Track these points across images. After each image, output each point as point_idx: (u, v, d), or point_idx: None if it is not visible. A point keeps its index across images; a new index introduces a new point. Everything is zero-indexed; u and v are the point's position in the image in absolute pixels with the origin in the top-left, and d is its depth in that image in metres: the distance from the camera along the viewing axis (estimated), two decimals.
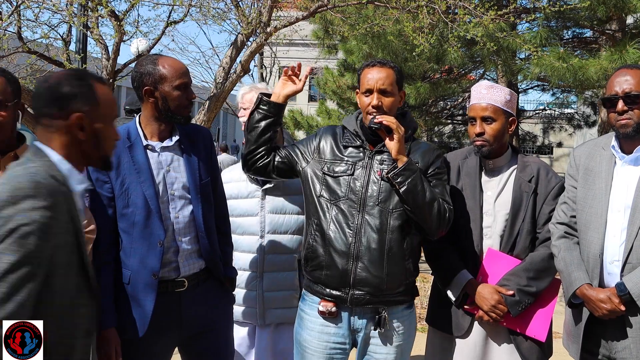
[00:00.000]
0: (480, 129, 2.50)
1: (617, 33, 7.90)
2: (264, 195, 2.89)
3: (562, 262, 2.38)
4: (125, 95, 29.24)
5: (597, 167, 2.37)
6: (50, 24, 7.33)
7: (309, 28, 10.99)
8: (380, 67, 2.38)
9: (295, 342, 2.51)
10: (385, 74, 2.36)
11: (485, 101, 2.50)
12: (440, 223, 2.31)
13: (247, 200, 2.89)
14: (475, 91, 2.56)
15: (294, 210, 2.85)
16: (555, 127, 16.64)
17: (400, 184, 2.24)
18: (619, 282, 2.21)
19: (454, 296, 2.49)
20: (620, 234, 2.24)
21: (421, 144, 2.48)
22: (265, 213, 2.87)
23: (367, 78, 2.37)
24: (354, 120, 2.49)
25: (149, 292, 2.29)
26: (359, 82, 2.43)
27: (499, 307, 2.41)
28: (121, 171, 2.30)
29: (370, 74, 2.37)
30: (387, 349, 2.38)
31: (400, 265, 2.34)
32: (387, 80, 2.35)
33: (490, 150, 2.51)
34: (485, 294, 2.43)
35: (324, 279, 2.37)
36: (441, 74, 10.53)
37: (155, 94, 2.32)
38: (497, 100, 2.50)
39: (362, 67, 2.44)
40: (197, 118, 6.27)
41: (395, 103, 2.39)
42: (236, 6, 6.30)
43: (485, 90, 2.53)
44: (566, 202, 2.45)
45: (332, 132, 2.49)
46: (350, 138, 2.44)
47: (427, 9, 5.73)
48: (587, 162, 2.41)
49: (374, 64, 2.40)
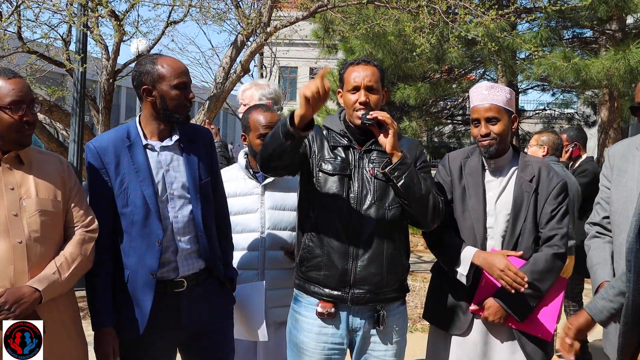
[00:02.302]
0: (485, 130, 2.50)
1: (617, 33, 7.91)
2: (263, 192, 2.89)
3: (589, 260, 2.42)
4: (126, 95, 29.25)
5: (630, 168, 2.36)
6: (50, 24, 7.34)
7: (309, 28, 10.99)
8: (365, 65, 2.38)
9: (290, 344, 2.50)
10: (370, 71, 2.36)
11: (487, 102, 2.50)
12: (434, 214, 2.33)
13: (246, 197, 2.89)
14: (476, 93, 2.56)
15: (293, 206, 2.85)
16: (555, 127, 16.64)
17: (398, 178, 2.25)
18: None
19: (464, 272, 2.46)
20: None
21: (403, 139, 2.48)
22: (265, 209, 2.87)
23: (353, 76, 2.36)
24: (338, 120, 2.48)
25: (147, 291, 2.29)
26: (341, 81, 2.42)
27: (507, 271, 2.35)
28: (120, 170, 2.30)
29: (356, 71, 2.37)
30: (385, 346, 2.40)
31: (398, 262, 2.37)
32: (373, 78, 2.36)
33: (497, 150, 2.51)
34: (494, 260, 2.40)
35: (322, 279, 2.36)
36: (441, 74, 10.54)
37: (154, 93, 2.31)
38: (499, 99, 2.51)
39: (346, 66, 2.44)
40: (197, 118, 6.28)
41: (380, 100, 2.39)
42: (236, 6, 6.30)
43: (487, 91, 2.52)
44: (599, 203, 2.47)
45: (319, 133, 2.46)
46: (337, 138, 2.43)
47: (427, 8, 5.73)
48: (621, 163, 2.40)
49: (358, 62, 2.40)
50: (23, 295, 1.98)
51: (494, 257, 2.41)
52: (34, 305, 2.01)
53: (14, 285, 2.00)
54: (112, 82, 6.32)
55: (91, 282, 2.30)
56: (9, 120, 2.03)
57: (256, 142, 2.83)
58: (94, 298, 2.29)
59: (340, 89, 2.45)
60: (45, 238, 2.10)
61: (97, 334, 2.28)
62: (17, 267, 2.02)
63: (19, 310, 1.96)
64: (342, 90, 2.43)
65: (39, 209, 2.08)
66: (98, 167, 2.30)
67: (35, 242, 2.06)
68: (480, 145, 2.53)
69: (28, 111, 2.07)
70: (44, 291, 2.02)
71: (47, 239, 2.11)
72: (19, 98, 2.03)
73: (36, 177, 2.12)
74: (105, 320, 2.28)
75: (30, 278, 2.04)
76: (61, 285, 2.09)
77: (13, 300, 1.96)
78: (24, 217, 2.05)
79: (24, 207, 2.06)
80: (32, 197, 2.08)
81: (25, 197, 2.07)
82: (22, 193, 2.07)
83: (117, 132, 2.37)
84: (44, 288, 2.02)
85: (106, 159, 2.29)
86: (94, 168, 2.30)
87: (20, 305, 1.97)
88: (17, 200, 2.06)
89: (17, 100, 2.03)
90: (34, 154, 2.16)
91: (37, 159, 2.16)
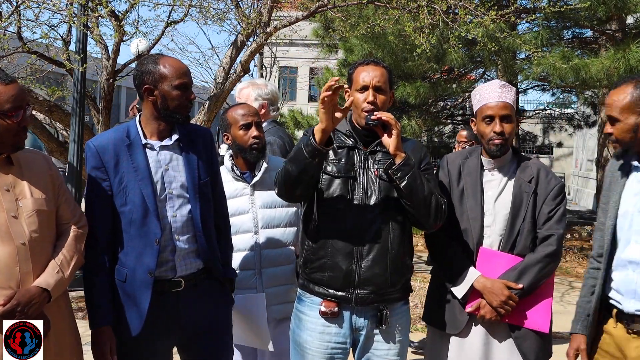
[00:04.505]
0: (500, 127, 2.49)
1: (617, 33, 7.91)
2: (252, 192, 2.90)
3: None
4: (126, 95, 29.24)
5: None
6: (50, 24, 7.34)
7: (309, 28, 11.00)
8: (374, 66, 2.39)
9: (294, 344, 2.50)
10: (379, 72, 2.37)
11: (502, 99, 2.50)
12: (437, 216, 2.33)
13: (236, 199, 2.89)
14: (489, 90, 2.55)
15: (284, 202, 2.85)
16: (555, 127, 16.66)
17: (401, 179, 2.25)
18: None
19: (461, 293, 2.49)
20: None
21: (408, 141, 2.49)
22: (256, 209, 2.88)
23: (363, 75, 2.37)
24: (344, 120, 2.48)
25: (144, 290, 2.29)
26: (350, 80, 2.43)
27: (509, 302, 2.41)
28: (120, 169, 2.30)
29: (365, 71, 2.38)
30: (388, 345, 2.40)
31: (401, 262, 2.38)
32: (382, 78, 2.37)
33: (506, 149, 2.52)
34: (495, 289, 2.43)
35: (327, 280, 2.37)
36: (441, 74, 10.53)
37: (155, 93, 2.31)
38: (511, 99, 2.52)
39: (355, 65, 2.44)
40: (197, 118, 6.28)
41: (387, 102, 2.40)
42: (236, 6, 6.30)
43: (500, 89, 2.52)
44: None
45: None
46: (342, 139, 2.44)
47: (427, 9, 5.73)
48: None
49: (368, 63, 2.41)
50: (33, 296, 2.00)
51: (496, 286, 2.43)
52: (43, 305, 2.03)
53: (21, 287, 2.01)
54: (112, 82, 6.32)
55: (89, 281, 2.30)
56: (6, 126, 2.03)
57: (239, 133, 2.85)
58: (92, 297, 2.30)
59: (348, 89, 2.45)
60: (43, 237, 2.10)
61: (94, 332, 2.28)
62: (22, 269, 2.02)
63: (31, 312, 1.98)
64: (350, 90, 2.44)
65: (35, 209, 2.09)
66: (97, 166, 2.30)
67: (36, 242, 2.07)
68: (491, 144, 2.52)
69: (24, 116, 2.07)
70: (52, 290, 2.04)
71: (45, 238, 2.12)
72: (18, 104, 2.04)
73: (28, 177, 2.12)
74: (103, 319, 2.28)
75: (34, 278, 2.04)
76: (64, 283, 2.11)
77: (25, 302, 1.97)
78: (22, 218, 2.06)
79: (21, 208, 2.06)
80: (28, 198, 2.09)
81: (21, 197, 2.08)
82: (17, 194, 2.08)
83: (116, 131, 2.37)
84: (52, 288, 2.04)
85: (105, 158, 2.30)
86: (93, 167, 2.31)
87: (32, 307, 1.99)
88: (14, 201, 2.06)
89: (16, 106, 2.03)
90: (19, 153, 2.16)
91: (24, 158, 2.16)
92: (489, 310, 2.45)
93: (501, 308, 2.42)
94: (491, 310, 2.45)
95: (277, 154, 3.29)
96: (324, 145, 2.18)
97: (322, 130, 2.17)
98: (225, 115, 2.94)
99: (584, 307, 2.34)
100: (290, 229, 2.92)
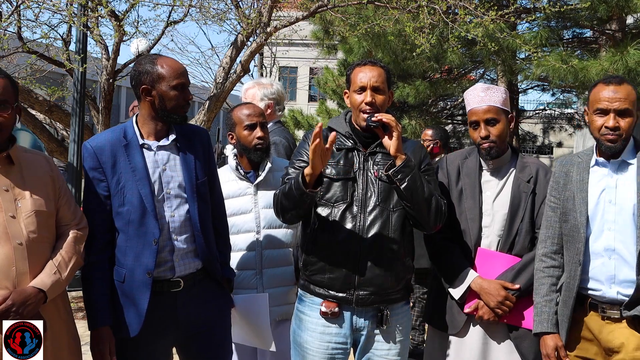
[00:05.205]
0: (485, 132, 2.51)
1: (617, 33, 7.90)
2: (255, 192, 2.90)
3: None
4: (126, 95, 29.25)
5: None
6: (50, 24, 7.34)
7: (308, 28, 11.00)
8: (372, 66, 2.39)
9: (294, 344, 2.50)
10: (377, 72, 2.37)
11: (485, 103, 2.51)
12: (437, 217, 2.33)
13: (239, 198, 2.89)
14: (472, 95, 2.56)
15: None
16: (555, 127, 16.63)
17: (401, 180, 2.25)
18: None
19: (458, 294, 2.49)
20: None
21: (407, 142, 2.49)
22: (259, 209, 2.88)
23: (360, 76, 2.37)
24: (343, 121, 2.49)
25: (143, 290, 2.29)
26: (348, 81, 2.43)
27: (506, 303, 2.43)
28: (117, 170, 2.30)
29: (362, 72, 2.38)
30: (389, 345, 2.41)
31: (402, 263, 2.38)
32: (380, 78, 2.37)
33: (497, 151, 2.53)
34: (492, 290, 2.44)
35: (327, 282, 2.37)
36: (441, 73, 10.53)
37: (152, 93, 2.32)
38: (496, 100, 2.51)
39: (353, 66, 2.45)
40: (197, 118, 6.28)
41: (386, 102, 2.40)
42: (236, 6, 6.30)
43: (483, 93, 2.53)
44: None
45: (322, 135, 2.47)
46: (341, 140, 2.44)
47: (427, 9, 5.73)
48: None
49: (365, 63, 2.41)
50: (29, 296, 1.99)
51: (492, 287, 2.44)
52: (38, 306, 2.02)
53: (16, 287, 2.01)
54: (112, 82, 6.31)
55: (88, 281, 2.31)
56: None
57: (243, 133, 2.85)
58: (91, 297, 2.30)
59: (346, 90, 2.45)
60: (41, 238, 2.10)
61: (93, 333, 2.28)
62: (18, 269, 2.02)
63: (26, 312, 1.98)
64: (348, 91, 2.44)
65: (34, 210, 2.09)
66: (95, 167, 2.30)
67: (34, 243, 2.07)
68: (481, 148, 2.54)
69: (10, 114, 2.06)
70: (48, 291, 2.03)
71: (44, 239, 2.12)
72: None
73: (28, 178, 2.12)
74: (102, 319, 2.28)
75: (31, 279, 2.04)
76: (61, 284, 2.10)
77: (20, 302, 1.97)
78: (20, 218, 2.06)
79: (19, 208, 2.06)
80: (27, 198, 2.09)
81: (20, 197, 2.08)
82: (16, 194, 2.08)
83: (113, 132, 2.37)
84: (48, 288, 2.03)
85: (103, 159, 2.30)
86: (90, 167, 2.31)
87: (27, 307, 1.98)
88: (12, 201, 2.06)
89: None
90: (21, 154, 2.16)
91: (25, 158, 2.16)
92: (486, 311, 2.46)
93: (498, 309, 2.43)
94: (489, 311, 2.45)
95: (282, 155, 3.30)
96: (312, 188, 2.21)
97: (311, 175, 2.20)
98: (231, 115, 2.94)
99: (549, 306, 2.37)
100: (291, 231, 2.93)
